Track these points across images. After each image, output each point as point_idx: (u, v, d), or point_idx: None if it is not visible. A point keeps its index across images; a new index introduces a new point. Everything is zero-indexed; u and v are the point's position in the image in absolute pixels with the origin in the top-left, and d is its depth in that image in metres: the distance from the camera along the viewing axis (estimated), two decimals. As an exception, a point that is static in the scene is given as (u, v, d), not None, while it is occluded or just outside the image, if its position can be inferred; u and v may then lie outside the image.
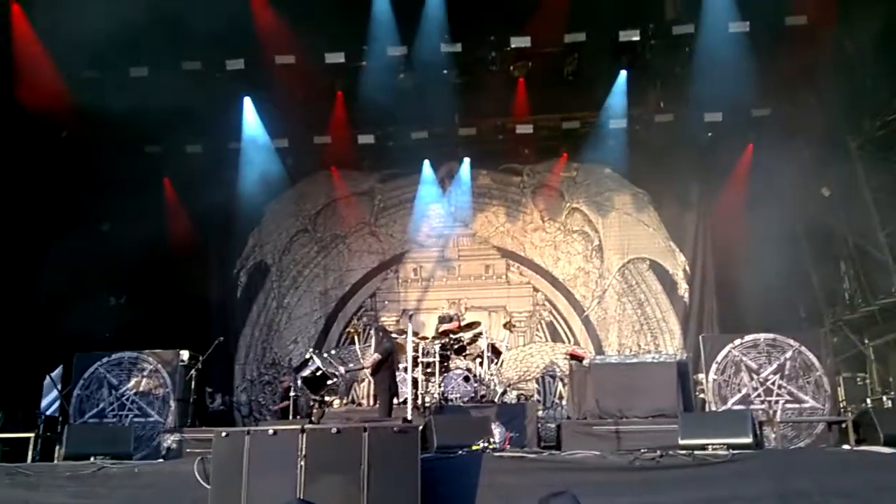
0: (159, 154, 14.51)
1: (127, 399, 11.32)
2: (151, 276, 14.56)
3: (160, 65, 12.33)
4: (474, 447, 6.89)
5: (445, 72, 12.85)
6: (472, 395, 11.52)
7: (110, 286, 14.46)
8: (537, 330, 15.39)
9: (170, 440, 10.67)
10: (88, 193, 13.31)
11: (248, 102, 13.64)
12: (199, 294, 15.30)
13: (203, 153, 14.40)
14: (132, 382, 11.38)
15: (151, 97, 12.46)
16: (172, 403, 11.26)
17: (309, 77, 12.75)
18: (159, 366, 11.43)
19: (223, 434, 6.15)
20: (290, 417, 10.23)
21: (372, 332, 11.60)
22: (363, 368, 10.10)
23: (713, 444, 6.43)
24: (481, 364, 12.08)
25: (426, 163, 15.52)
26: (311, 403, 10.41)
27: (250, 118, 13.77)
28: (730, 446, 6.33)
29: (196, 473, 6.43)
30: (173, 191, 15.04)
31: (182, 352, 11.58)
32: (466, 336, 12.24)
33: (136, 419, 11.17)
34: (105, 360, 11.51)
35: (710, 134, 13.98)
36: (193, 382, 11.64)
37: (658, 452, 6.28)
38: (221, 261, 15.88)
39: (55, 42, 11.23)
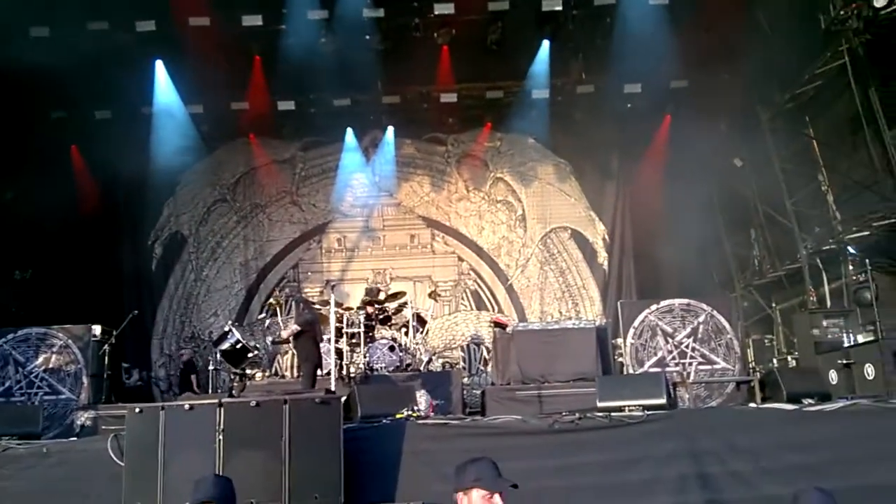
0: (66, 120, 13.77)
1: (35, 376, 10.81)
2: (60, 249, 13.89)
3: (63, 24, 11.58)
4: (398, 416, 6.89)
5: (368, 37, 12.58)
6: (398, 364, 11.51)
7: (16, 259, 13.68)
8: (462, 298, 15.52)
9: (83, 418, 10.26)
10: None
11: (160, 66, 13.03)
12: (111, 267, 14.75)
13: (113, 119, 13.74)
14: (41, 359, 10.86)
15: (55, 59, 11.75)
16: (85, 380, 10.82)
17: (225, 40, 12.28)
18: (70, 341, 10.94)
19: (136, 410, 5.94)
20: (208, 391, 10.00)
21: (293, 303, 11.42)
22: (282, 341, 9.89)
23: (629, 406, 6.61)
24: (407, 333, 12.08)
25: (349, 131, 15.30)
26: (232, 377, 10.19)
27: (163, 83, 13.17)
28: (645, 407, 6.53)
29: (110, 451, 6.20)
30: (82, 159, 14.33)
31: (94, 326, 11.11)
32: (392, 306, 12.22)
33: (45, 397, 10.69)
34: (10, 336, 10.93)
35: (629, 105, 14.24)
36: (107, 358, 11.18)
37: (577, 415, 6.43)
38: (134, 232, 15.30)
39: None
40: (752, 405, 8.26)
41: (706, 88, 13.78)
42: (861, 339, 9.77)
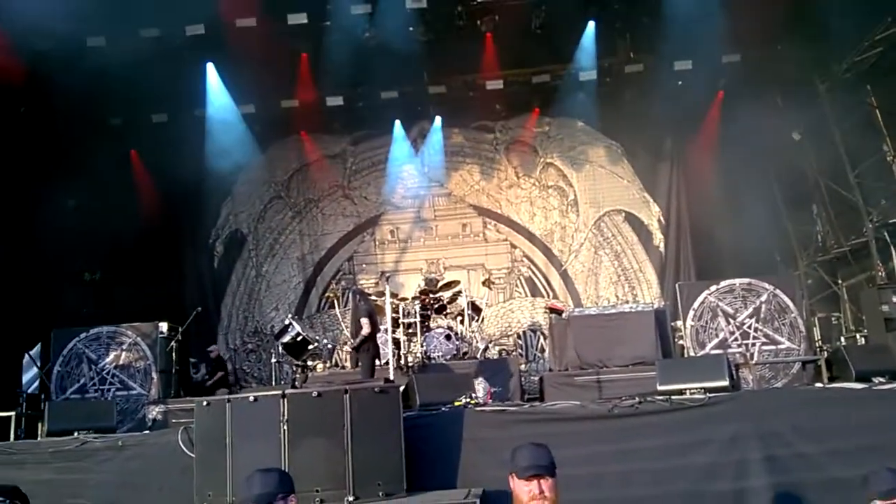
0: (123, 126, 14.21)
1: (107, 373, 11.28)
2: (125, 251, 14.36)
3: (117, 33, 11.93)
4: (457, 403, 6.94)
5: (412, 29, 12.61)
6: (455, 352, 11.61)
7: (84, 262, 14.24)
8: (516, 286, 15.48)
9: (154, 412, 10.67)
10: (54, 170, 12.99)
11: (210, 69, 13.33)
12: (174, 266, 15.21)
13: (168, 123, 14.12)
14: (111, 356, 11.33)
15: (111, 67, 12.13)
16: (155, 375, 11.24)
17: (271, 40, 12.43)
18: (138, 339, 11.38)
19: (204, 403, 6.15)
20: (272, 383, 10.23)
21: (350, 295, 11.58)
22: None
23: (690, 389, 6.51)
24: (462, 322, 12.15)
25: (397, 123, 15.38)
26: (294, 369, 10.41)
27: (214, 85, 13.48)
28: (706, 390, 6.42)
29: (181, 443, 6.43)
30: (141, 163, 14.78)
31: (161, 324, 11.52)
32: (446, 295, 12.30)
33: (118, 393, 11.15)
34: (83, 335, 11.44)
35: (680, 83, 13.89)
36: (175, 354, 11.60)
37: (636, 399, 6.36)
38: (194, 231, 15.73)
39: (5, 13, 10.82)
40: (819, 385, 8.06)
41: (759, 62, 13.40)
42: (933, 313, 9.42)
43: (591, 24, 13.02)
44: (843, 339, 12.18)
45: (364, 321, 9.88)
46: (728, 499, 5.83)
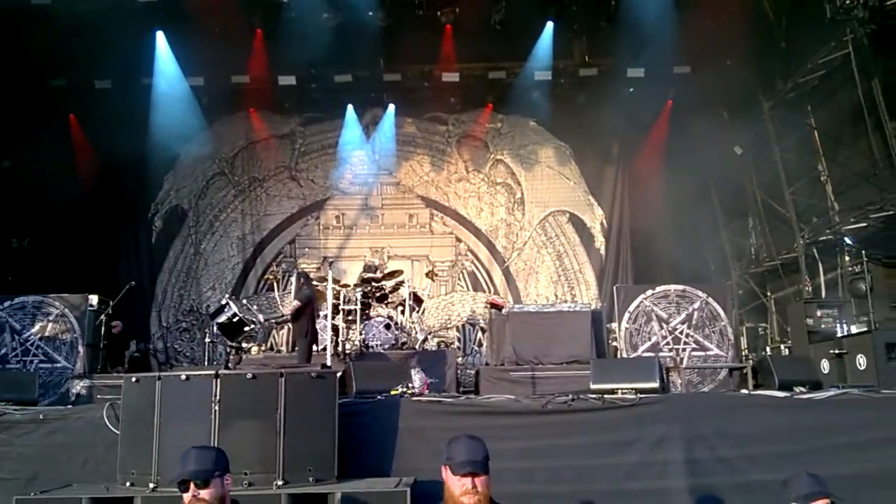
0: (65, 88, 13.69)
1: (31, 344, 10.84)
2: (58, 218, 13.87)
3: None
4: (393, 392, 6.92)
5: (371, 14, 12.49)
6: (393, 342, 11.57)
7: (13, 227, 13.67)
8: (459, 279, 15.55)
9: (79, 386, 10.34)
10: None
11: (160, 37, 12.95)
12: (110, 238, 14.74)
13: (112, 90, 13.67)
14: (37, 327, 10.88)
15: (55, 27, 11.68)
16: (81, 349, 10.85)
17: (227, 12, 12.16)
18: (66, 310, 10.96)
19: (133, 379, 5.96)
20: (204, 363, 10.02)
21: (293, 278, 11.43)
22: (283, 317, 9.90)
23: (622, 389, 6.64)
24: (403, 312, 12.13)
25: (350, 107, 15.23)
26: (228, 350, 10.23)
27: (164, 54, 13.10)
28: (637, 391, 6.57)
29: (105, 419, 6.24)
30: (80, 128, 14.27)
31: (91, 296, 11.13)
32: (388, 284, 12.25)
33: (41, 365, 10.72)
34: (7, 304, 10.95)
35: (631, 90, 14.19)
36: (104, 328, 11.22)
37: (570, 396, 6.46)
38: (133, 203, 15.29)
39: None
40: (744, 391, 8.32)
41: (709, 75, 13.74)
42: (854, 329, 9.83)
43: (550, 25, 13.15)
44: (768, 348, 12.67)
45: (295, 303, 9.81)
46: (650, 498, 5.99)
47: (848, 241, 11.07)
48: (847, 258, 11.37)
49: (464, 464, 3.52)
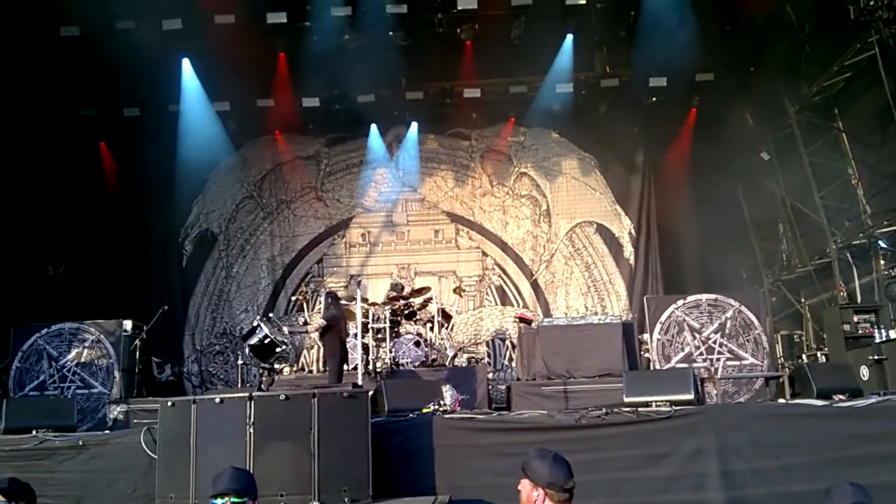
0: (95, 118, 13.97)
1: (68, 370, 11.05)
2: (92, 246, 14.15)
3: (92, 23, 11.74)
4: (425, 410, 6.93)
5: (391, 33, 12.60)
6: (423, 359, 11.60)
7: (48, 255, 13.96)
8: (487, 294, 15.51)
9: (116, 411, 10.49)
10: (21, 160, 12.73)
11: (186, 64, 13.15)
12: (142, 263, 14.96)
13: (141, 117, 13.93)
14: (73, 353, 11.10)
15: (84, 58, 11.96)
16: (117, 374, 11.03)
17: (250, 38, 12.32)
18: (101, 336, 11.17)
19: (169, 403, 6.06)
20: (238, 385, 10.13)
21: (321, 298, 11.52)
22: (306, 332, 9.97)
23: (656, 401, 6.59)
24: (432, 329, 12.14)
25: (373, 127, 15.33)
26: (261, 372, 10.31)
27: (189, 81, 13.30)
28: (672, 403, 6.50)
29: (143, 444, 6.34)
30: (111, 156, 14.56)
31: (125, 321, 11.31)
32: (417, 301, 12.27)
33: (78, 391, 10.91)
34: (44, 331, 11.19)
35: (654, 99, 14.14)
36: (139, 352, 11.39)
37: (603, 410, 6.42)
38: (164, 229, 15.46)
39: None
40: (782, 401, 8.20)
41: (732, 81, 13.67)
42: (893, 334, 9.63)
43: (570, 37, 13.12)
44: (804, 356, 12.43)
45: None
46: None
47: (882, 244, 10.86)
48: (882, 261, 11.16)
49: (570, 487, 3.54)
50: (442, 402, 7.21)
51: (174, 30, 11.97)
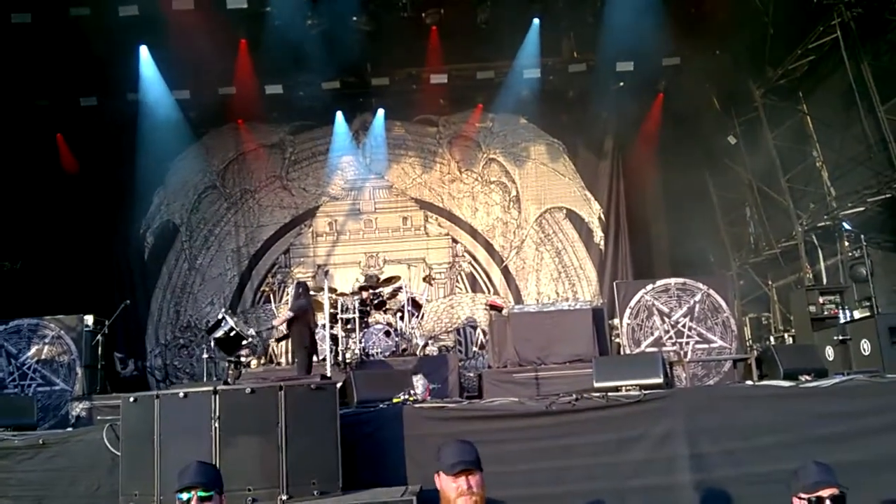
0: (50, 108, 13.56)
1: (28, 368, 10.77)
2: (49, 239, 13.77)
3: (45, 10, 11.36)
4: (395, 400, 6.85)
5: (355, 18, 12.40)
6: (394, 349, 11.50)
7: (4, 250, 13.55)
8: (457, 281, 15.45)
9: (78, 408, 10.25)
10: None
11: (144, 52, 12.83)
12: (102, 257, 14.63)
13: (98, 107, 13.57)
14: (33, 350, 10.81)
15: (37, 46, 11.57)
16: (79, 370, 10.77)
17: (210, 24, 12.02)
18: (62, 332, 10.89)
19: (131, 399, 5.87)
20: (203, 379, 9.97)
21: (290, 288, 11.35)
22: (273, 328, 9.85)
23: (626, 386, 6.58)
24: (402, 318, 12.04)
25: (339, 114, 15.13)
26: (228, 365, 10.15)
27: (148, 69, 12.97)
28: (641, 387, 6.50)
29: (105, 440, 6.16)
30: (67, 147, 14.17)
31: (86, 316, 11.04)
32: (386, 290, 12.17)
33: (39, 388, 10.65)
34: (2, 328, 10.90)
35: (621, 83, 14.14)
36: (101, 348, 11.14)
37: (573, 396, 6.39)
38: (125, 221, 15.12)
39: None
40: (749, 383, 8.26)
41: (698, 65, 13.71)
42: (857, 315, 9.77)
43: (536, 22, 13.07)
44: (772, 338, 12.60)
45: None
46: (657, 494, 5.91)
47: (846, 226, 11.00)
48: (846, 243, 11.31)
49: (456, 464, 3.50)
50: (412, 392, 7.12)
51: (131, 16, 11.63)
